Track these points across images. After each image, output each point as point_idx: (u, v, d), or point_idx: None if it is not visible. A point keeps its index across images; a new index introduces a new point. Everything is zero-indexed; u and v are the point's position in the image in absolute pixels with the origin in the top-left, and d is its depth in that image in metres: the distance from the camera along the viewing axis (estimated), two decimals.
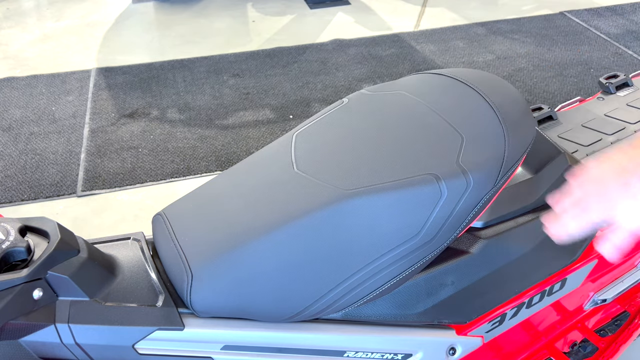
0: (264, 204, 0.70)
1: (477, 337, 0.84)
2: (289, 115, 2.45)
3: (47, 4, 3.64)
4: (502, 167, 0.74)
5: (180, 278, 0.66)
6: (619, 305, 1.12)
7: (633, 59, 2.82)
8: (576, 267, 0.92)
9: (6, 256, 0.60)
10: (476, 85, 0.81)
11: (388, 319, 0.76)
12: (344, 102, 0.84)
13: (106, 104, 2.55)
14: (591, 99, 1.27)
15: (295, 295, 0.68)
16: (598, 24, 3.17)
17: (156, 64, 2.88)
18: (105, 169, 2.14)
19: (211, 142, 2.28)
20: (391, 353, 0.77)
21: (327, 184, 0.70)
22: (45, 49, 3.07)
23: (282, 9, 3.48)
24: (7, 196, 2.01)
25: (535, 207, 0.86)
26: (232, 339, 0.68)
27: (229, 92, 2.63)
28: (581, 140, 1.13)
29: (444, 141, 0.74)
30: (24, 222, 0.64)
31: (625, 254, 1.02)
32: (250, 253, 0.66)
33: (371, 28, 3.22)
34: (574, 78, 2.67)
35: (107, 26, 3.33)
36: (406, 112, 0.79)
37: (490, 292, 0.82)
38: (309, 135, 0.79)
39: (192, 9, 3.52)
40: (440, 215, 0.70)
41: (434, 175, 0.70)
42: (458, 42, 3.03)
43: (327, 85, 2.66)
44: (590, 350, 1.09)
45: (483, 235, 0.80)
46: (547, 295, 0.91)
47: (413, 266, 0.71)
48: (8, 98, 2.61)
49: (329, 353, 0.73)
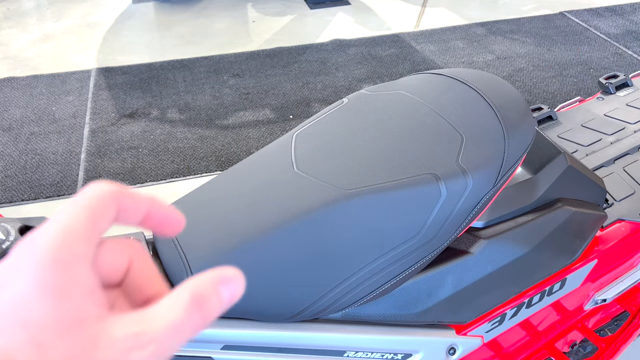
0: (264, 204, 0.70)
1: (477, 337, 0.85)
2: (289, 115, 2.45)
3: (47, 4, 3.64)
4: (502, 167, 0.74)
5: (181, 278, 0.66)
6: (619, 305, 1.12)
7: (633, 59, 2.82)
8: (576, 267, 0.92)
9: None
10: (476, 85, 0.81)
11: (388, 319, 0.76)
12: (343, 102, 0.84)
13: (106, 104, 2.55)
14: (591, 99, 1.27)
15: (295, 295, 0.68)
16: (598, 24, 3.17)
17: (156, 64, 2.88)
18: (105, 169, 2.14)
19: (211, 142, 2.28)
20: (391, 353, 0.77)
21: (327, 184, 0.70)
22: (46, 49, 3.08)
23: (282, 9, 3.48)
24: (8, 196, 2.02)
25: (535, 207, 0.86)
26: (232, 338, 0.68)
27: (229, 92, 2.63)
28: (581, 140, 1.13)
29: (444, 141, 0.74)
30: (24, 222, 0.64)
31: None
32: (250, 253, 0.66)
33: (371, 28, 3.22)
34: (574, 78, 2.67)
35: (107, 26, 3.33)
36: (406, 112, 0.79)
37: (490, 292, 0.82)
38: (309, 136, 0.79)
39: (192, 9, 3.52)
40: (440, 215, 0.70)
41: (433, 175, 0.70)
42: (458, 42, 3.03)
43: (327, 85, 2.66)
44: (590, 350, 1.09)
45: (483, 235, 0.80)
46: (547, 295, 0.91)
47: (413, 266, 0.71)
48: (8, 98, 2.61)
49: (329, 353, 0.73)
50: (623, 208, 1.01)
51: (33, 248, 0.26)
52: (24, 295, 0.25)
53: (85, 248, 0.28)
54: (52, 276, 0.26)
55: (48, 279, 0.26)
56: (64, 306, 0.26)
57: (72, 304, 0.26)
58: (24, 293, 0.25)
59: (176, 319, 0.27)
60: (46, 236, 0.27)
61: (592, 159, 1.08)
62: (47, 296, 0.25)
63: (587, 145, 1.12)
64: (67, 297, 0.26)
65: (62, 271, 0.26)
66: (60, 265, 0.26)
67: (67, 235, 0.27)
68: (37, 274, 0.26)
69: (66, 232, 0.27)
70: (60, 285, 0.26)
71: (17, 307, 0.25)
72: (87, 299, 0.27)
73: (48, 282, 0.26)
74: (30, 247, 0.27)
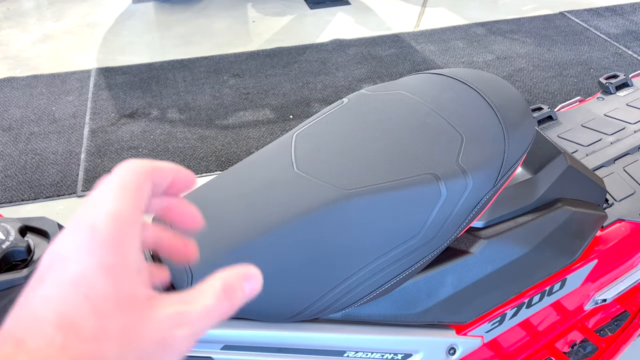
0: (264, 204, 0.70)
1: (477, 337, 0.85)
2: (289, 115, 2.45)
3: (47, 4, 3.64)
4: (502, 167, 0.74)
5: (180, 278, 0.66)
6: (619, 305, 1.12)
7: (633, 59, 2.82)
8: (576, 267, 0.92)
9: (6, 256, 0.60)
10: (476, 85, 0.81)
11: (388, 319, 0.76)
12: (343, 102, 0.84)
13: (106, 104, 2.55)
14: (591, 99, 1.27)
15: (295, 295, 0.68)
16: (598, 24, 3.17)
17: (156, 64, 2.88)
18: (105, 169, 2.14)
19: (211, 142, 2.28)
20: (391, 353, 0.77)
21: (327, 184, 0.70)
22: (46, 49, 3.08)
23: (282, 9, 3.48)
24: (7, 196, 2.02)
25: (535, 207, 0.86)
26: (232, 338, 0.68)
27: (229, 92, 2.63)
28: (581, 140, 1.13)
29: (444, 141, 0.74)
30: (24, 222, 0.64)
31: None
32: (250, 253, 0.66)
33: (371, 28, 3.22)
34: (574, 78, 2.67)
35: (107, 26, 3.33)
36: (406, 112, 0.79)
37: (490, 292, 0.82)
38: (309, 135, 0.79)
39: (192, 9, 3.52)
40: (440, 216, 0.70)
41: (433, 175, 0.70)
42: (458, 42, 3.03)
43: (327, 85, 2.66)
44: (590, 350, 1.09)
45: (483, 235, 0.80)
46: (547, 295, 0.91)
47: (413, 266, 0.71)
48: (8, 98, 2.61)
49: (329, 353, 0.73)
50: (623, 208, 1.01)
51: (93, 230, 0.29)
52: (86, 272, 0.28)
53: (136, 231, 0.31)
54: (111, 257, 0.29)
55: (107, 260, 0.29)
56: (121, 284, 0.29)
57: (128, 283, 0.29)
58: (87, 270, 0.29)
59: (210, 304, 0.30)
60: (104, 219, 0.30)
61: (592, 159, 1.08)
62: (107, 274, 0.29)
63: (587, 145, 1.12)
64: (124, 276, 0.29)
65: (119, 253, 0.30)
66: (117, 248, 0.30)
67: (120, 219, 0.30)
68: (98, 254, 0.29)
69: (118, 216, 0.30)
70: (118, 266, 0.29)
71: (81, 282, 0.28)
72: (138, 279, 0.30)
73: (107, 262, 0.29)
74: (91, 228, 0.30)
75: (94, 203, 0.31)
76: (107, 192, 0.31)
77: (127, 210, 0.31)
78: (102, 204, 0.31)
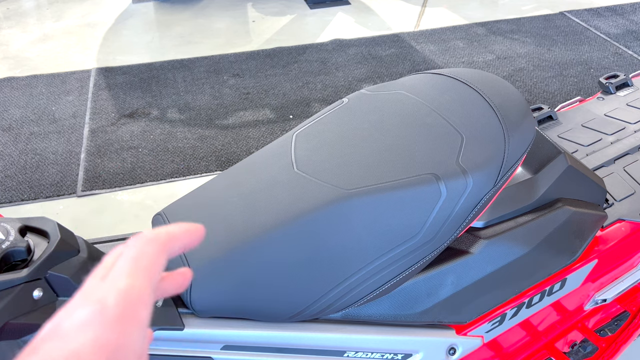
0: (264, 204, 0.70)
1: (477, 337, 0.84)
2: (289, 115, 2.45)
3: (47, 4, 3.64)
4: (502, 167, 0.74)
5: None
6: (619, 305, 1.12)
7: (633, 59, 2.82)
8: (576, 267, 0.92)
9: (6, 256, 0.60)
10: (476, 85, 0.81)
11: (388, 319, 0.76)
12: (343, 102, 0.84)
13: (106, 104, 2.55)
14: (591, 99, 1.27)
15: (295, 295, 0.68)
16: (598, 24, 3.17)
17: (156, 64, 2.88)
18: (105, 169, 2.14)
19: (211, 142, 2.28)
20: (391, 353, 0.77)
21: (327, 184, 0.69)
22: (45, 49, 3.08)
23: (282, 9, 3.48)
24: (7, 196, 2.01)
25: (536, 207, 0.86)
26: (232, 339, 0.68)
27: (229, 92, 2.63)
28: (581, 140, 1.13)
29: (444, 141, 0.74)
30: (24, 222, 0.64)
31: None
32: (250, 253, 0.66)
33: (371, 28, 3.22)
34: (574, 78, 2.67)
35: (107, 26, 3.33)
36: (406, 111, 0.79)
37: (490, 292, 0.82)
38: (309, 135, 0.79)
39: (192, 9, 3.52)
40: (440, 215, 0.70)
41: (433, 175, 0.70)
42: (458, 42, 3.03)
43: (327, 85, 2.66)
44: (590, 350, 1.09)
45: (483, 235, 0.80)
46: (547, 295, 0.91)
47: (413, 266, 0.71)
48: (8, 98, 2.61)
49: (329, 353, 0.73)
50: (623, 208, 1.01)
51: (103, 306, 0.29)
52: (82, 351, 0.27)
53: (144, 309, 0.30)
54: (113, 336, 0.28)
55: (109, 339, 0.28)
56: None
57: None
58: (84, 349, 0.28)
59: None
60: (114, 296, 0.29)
61: (592, 159, 1.08)
62: (103, 356, 0.28)
63: (587, 145, 1.12)
64: (120, 358, 0.28)
65: (122, 332, 0.29)
66: (122, 326, 0.29)
67: (131, 296, 0.30)
68: (100, 331, 0.28)
69: (129, 293, 0.30)
70: (118, 347, 0.28)
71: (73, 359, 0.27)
72: None
73: (108, 341, 0.28)
74: (100, 304, 0.29)
75: (106, 277, 0.31)
76: (121, 267, 0.31)
77: (138, 287, 0.30)
78: (114, 280, 0.30)
